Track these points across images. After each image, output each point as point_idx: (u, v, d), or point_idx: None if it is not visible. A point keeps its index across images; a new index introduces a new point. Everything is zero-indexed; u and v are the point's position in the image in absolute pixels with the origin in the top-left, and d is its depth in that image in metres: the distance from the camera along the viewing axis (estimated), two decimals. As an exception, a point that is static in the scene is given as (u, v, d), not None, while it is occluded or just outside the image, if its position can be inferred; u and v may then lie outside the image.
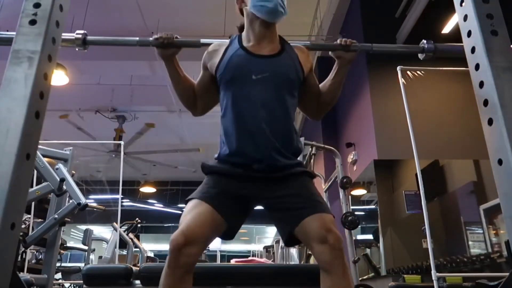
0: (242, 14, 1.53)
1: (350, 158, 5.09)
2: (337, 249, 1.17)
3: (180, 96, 1.52)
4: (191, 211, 1.25)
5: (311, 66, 1.51)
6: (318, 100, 1.51)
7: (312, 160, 3.73)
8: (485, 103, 0.95)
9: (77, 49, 1.35)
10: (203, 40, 1.46)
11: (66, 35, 1.26)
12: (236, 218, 1.32)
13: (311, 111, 1.57)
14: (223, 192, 1.30)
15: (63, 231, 3.40)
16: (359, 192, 5.12)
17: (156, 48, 1.43)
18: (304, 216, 1.23)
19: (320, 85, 1.53)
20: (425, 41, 1.37)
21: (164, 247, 16.67)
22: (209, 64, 1.47)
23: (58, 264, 4.21)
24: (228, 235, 1.33)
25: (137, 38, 1.45)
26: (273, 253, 7.57)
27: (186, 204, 1.32)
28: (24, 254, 3.68)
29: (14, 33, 0.94)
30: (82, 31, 1.35)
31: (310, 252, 1.29)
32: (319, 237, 1.18)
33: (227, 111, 1.39)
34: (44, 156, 3.10)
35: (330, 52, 1.47)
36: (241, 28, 1.54)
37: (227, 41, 1.50)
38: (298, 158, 1.46)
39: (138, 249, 6.27)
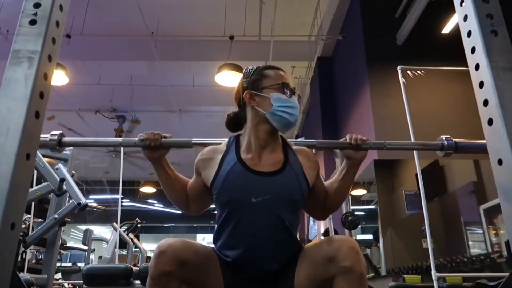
0: (239, 106, 1.39)
1: (350, 158, 5.08)
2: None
3: (171, 198, 1.39)
4: None
5: (318, 171, 1.38)
6: (324, 203, 1.39)
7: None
8: (485, 103, 0.95)
9: (50, 152, 1.27)
10: (194, 140, 1.35)
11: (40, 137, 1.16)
12: None
13: (317, 213, 1.45)
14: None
15: (63, 231, 3.40)
16: (359, 192, 5.12)
17: (142, 149, 1.30)
18: None
19: (327, 184, 1.39)
20: (443, 138, 1.31)
21: (164, 247, 16.68)
22: (203, 173, 1.33)
23: (58, 264, 4.21)
24: None
25: (120, 139, 1.34)
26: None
27: None
28: (24, 254, 3.68)
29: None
30: (57, 132, 1.26)
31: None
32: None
33: (223, 229, 1.28)
34: (44, 156, 3.10)
35: (338, 151, 1.37)
36: (233, 118, 1.41)
37: (223, 143, 1.37)
38: None
39: (138, 249, 6.27)
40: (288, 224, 1.25)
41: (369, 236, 5.10)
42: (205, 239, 13.97)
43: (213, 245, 1.35)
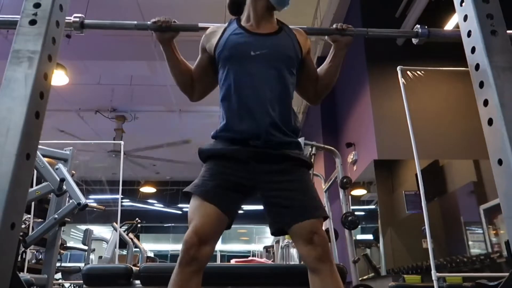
0: None
1: (350, 158, 5.09)
2: (322, 249, 1.22)
3: (177, 80, 1.51)
4: (197, 210, 1.26)
5: (309, 48, 1.53)
6: (316, 84, 1.53)
7: (312, 160, 3.73)
8: (485, 103, 0.95)
9: (75, 32, 1.35)
10: (201, 24, 1.45)
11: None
12: (236, 210, 1.33)
13: (309, 95, 1.57)
14: (222, 184, 1.30)
15: (63, 231, 3.40)
16: (359, 192, 5.12)
17: (154, 32, 1.42)
18: (297, 220, 1.25)
19: (318, 70, 1.54)
20: (419, 26, 1.38)
21: (164, 247, 16.68)
22: (208, 45, 1.47)
23: (58, 264, 4.21)
24: (228, 227, 1.34)
25: (135, 22, 1.43)
26: (273, 253, 7.57)
27: (185, 196, 1.32)
28: (24, 254, 3.68)
29: (19, 16, 0.94)
30: (80, 15, 1.36)
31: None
32: (306, 239, 1.23)
33: (225, 88, 1.39)
34: (44, 156, 3.10)
35: (326, 37, 1.49)
36: (231, 4, 1.56)
37: (225, 24, 1.51)
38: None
39: (138, 249, 6.27)
40: (285, 78, 1.38)
41: (369, 236, 5.10)
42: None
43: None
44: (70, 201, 3.02)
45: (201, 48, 1.51)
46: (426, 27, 1.38)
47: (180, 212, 13.71)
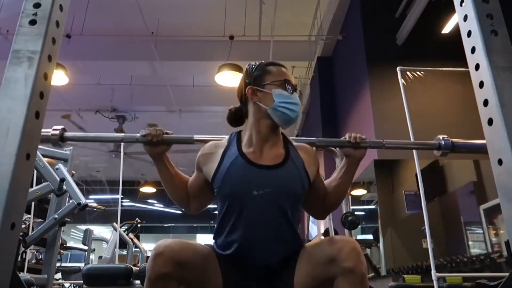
0: (241, 101, 1.41)
1: (350, 158, 5.08)
2: None
3: (171, 196, 1.40)
4: None
5: (318, 167, 1.39)
6: (323, 200, 1.39)
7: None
8: (485, 103, 0.95)
9: (52, 147, 1.28)
10: (196, 137, 1.37)
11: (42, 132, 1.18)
12: None
13: (316, 212, 1.46)
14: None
15: (63, 231, 3.40)
16: (359, 192, 5.12)
17: (143, 145, 1.31)
18: None
19: (326, 183, 1.40)
20: (440, 137, 1.32)
21: (164, 247, 16.66)
22: (204, 168, 1.34)
23: (58, 264, 4.21)
24: None
25: (122, 135, 1.37)
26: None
27: None
28: (24, 254, 3.69)
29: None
30: (59, 127, 1.28)
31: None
32: None
33: (224, 223, 1.28)
34: (44, 156, 3.10)
35: (337, 149, 1.39)
36: (234, 113, 1.44)
37: (224, 139, 1.38)
38: None
39: (138, 249, 6.27)
40: (290, 218, 1.26)
41: (369, 236, 5.10)
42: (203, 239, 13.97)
43: (212, 242, 1.35)
44: (70, 201, 3.02)
45: (197, 168, 1.37)
46: (449, 138, 1.32)
47: (180, 212, 13.72)
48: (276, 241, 1.25)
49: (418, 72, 3.24)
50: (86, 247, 5.95)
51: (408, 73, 3.07)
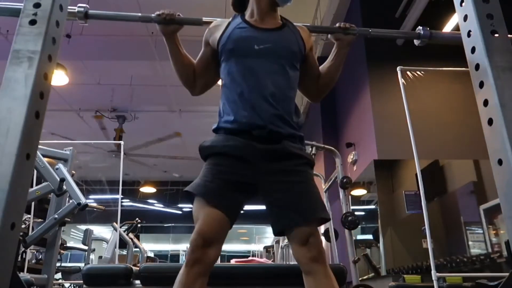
0: None
1: (350, 158, 5.09)
2: (317, 250, 1.22)
3: (179, 74, 1.51)
4: (201, 212, 1.25)
5: (312, 45, 1.54)
6: (317, 82, 1.53)
7: (312, 160, 3.73)
8: (485, 103, 0.95)
9: (78, 22, 1.34)
10: (205, 18, 1.46)
11: (68, 9, 1.27)
12: (239, 211, 1.32)
13: (311, 92, 1.59)
14: (225, 184, 1.27)
15: (63, 231, 3.40)
16: (359, 192, 5.12)
17: (157, 25, 1.43)
18: (297, 224, 1.24)
19: (320, 67, 1.55)
20: (421, 28, 1.37)
21: (164, 247, 16.67)
22: (211, 38, 1.48)
23: (58, 264, 4.21)
24: (230, 227, 1.33)
25: (139, 14, 1.46)
26: (273, 253, 7.58)
27: (186, 195, 1.31)
28: (24, 254, 3.68)
29: (21, 4, 0.94)
30: (84, 5, 1.36)
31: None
32: (302, 240, 1.23)
33: (228, 81, 1.40)
34: (44, 156, 3.09)
35: (329, 35, 1.49)
36: (235, 1, 1.58)
37: (229, 19, 1.52)
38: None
39: (138, 249, 6.27)
40: (287, 71, 1.39)
41: (369, 236, 5.10)
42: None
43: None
44: (70, 201, 3.02)
45: (204, 42, 1.51)
46: (428, 28, 1.38)
47: (180, 212, 13.71)
48: (274, 89, 1.34)
49: (418, 72, 3.24)
50: (86, 247, 5.95)
51: (408, 73, 3.07)
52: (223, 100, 1.41)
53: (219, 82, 1.51)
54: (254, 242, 15.39)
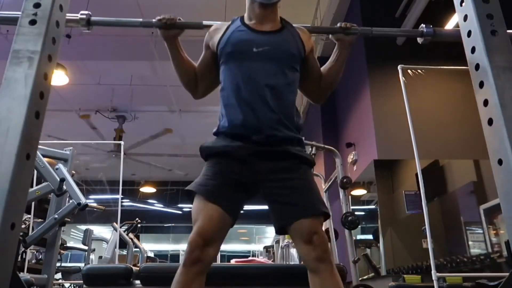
0: None
1: (350, 158, 5.09)
2: (322, 249, 1.21)
3: (181, 78, 1.51)
4: (201, 211, 1.25)
5: (312, 47, 1.53)
6: (319, 83, 1.52)
7: (312, 160, 3.72)
8: (485, 103, 0.95)
9: (81, 29, 1.33)
10: (205, 22, 1.47)
11: (70, 16, 1.25)
12: (239, 210, 1.33)
13: (313, 94, 1.57)
14: (225, 183, 1.29)
15: (63, 231, 3.40)
16: (359, 192, 5.12)
17: (158, 30, 1.44)
18: (298, 217, 1.24)
19: (321, 68, 1.53)
20: (424, 25, 1.36)
21: (164, 247, 16.66)
22: (211, 42, 1.48)
23: (58, 264, 4.21)
24: (231, 226, 1.34)
25: (140, 20, 1.45)
26: (273, 253, 7.57)
27: (187, 194, 1.31)
28: (24, 254, 3.68)
29: (19, 13, 0.94)
30: (86, 12, 1.35)
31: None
32: (305, 239, 1.23)
33: (226, 84, 1.39)
34: (44, 156, 3.09)
35: (330, 36, 1.48)
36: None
37: (229, 22, 1.52)
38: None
39: (138, 249, 6.27)
40: (286, 73, 1.38)
41: (369, 236, 5.10)
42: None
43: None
44: (70, 201, 3.02)
45: (205, 45, 1.52)
46: (431, 26, 1.37)
47: (180, 212, 13.70)
48: (272, 93, 1.33)
49: (419, 71, 3.24)
50: (86, 247, 5.94)
51: (408, 71, 3.06)
52: (222, 104, 1.40)
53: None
54: (254, 242, 15.39)
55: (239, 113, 1.33)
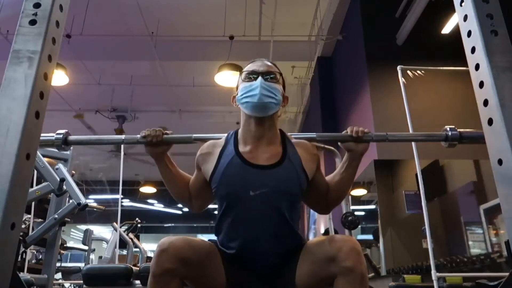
0: None
1: (350, 158, 5.08)
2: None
3: (173, 195, 1.41)
4: None
5: (318, 164, 1.37)
6: (326, 196, 1.38)
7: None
8: (485, 103, 0.95)
9: (56, 150, 1.28)
10: (195, 136, 1.37)
11: (45, 136, 1.21)
12: None
13: (319, 207, 1.46)
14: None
15: (63, 231, 3.40)
16: (359, 192, 5.11)
17: (144, 146, 1.32)
18: None
19: (328, 178, 1.39)
20: (448, 128, 1.30)
21: (164, 247, 16.65)
22: (203, 168, 1.35)
23: (58, 264, 4.21)
24: None
25: (123, 137, 1.34)
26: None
27: None
28: (24, 254, 3.68)
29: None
30: (62, 131, 1.28)
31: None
32: None
33: (223, 222, 1.29)
34: (44, 156, 3.09)
35: (340, 143, 1.34)
36: None
37: (222, 138, 1.39)
38: None
39: (138, 249, 6.27)
40: (287, 217, 1.25)
41: (369, 236, 5.10)
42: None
43: (215, 237, 1.35)
44: (70, 201, 3.02)
45: (196, 166, 1.38)
46: (456, 129, 1.28)
47: (180, 212, 13.72)
48: (274, 240, 1.25)
49: (418, 72, 3.24)
50: (86, 247, 5.95)
51: (408, 72, 3.07)
52: (219, 227, 1.31)
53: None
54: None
55: (238, 252, 1.25)
